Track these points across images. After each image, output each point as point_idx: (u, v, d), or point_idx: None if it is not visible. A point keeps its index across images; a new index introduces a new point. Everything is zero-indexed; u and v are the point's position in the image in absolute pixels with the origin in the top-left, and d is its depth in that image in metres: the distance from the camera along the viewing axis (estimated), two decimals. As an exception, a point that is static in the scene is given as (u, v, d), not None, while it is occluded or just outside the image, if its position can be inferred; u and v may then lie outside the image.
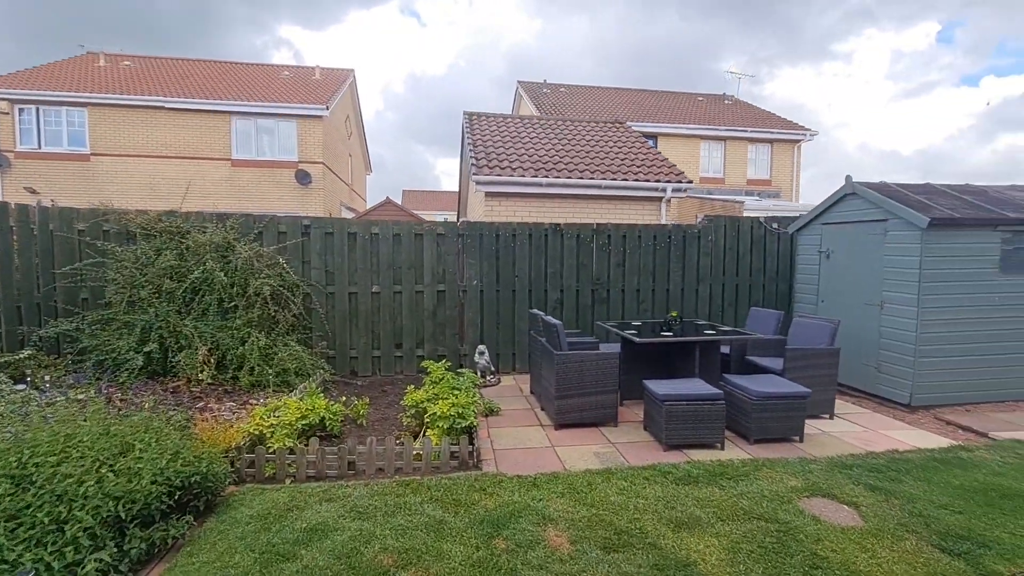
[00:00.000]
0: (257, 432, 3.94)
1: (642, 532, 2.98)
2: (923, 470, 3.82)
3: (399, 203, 20.16)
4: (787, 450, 4.32)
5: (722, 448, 4.32)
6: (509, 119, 12.08)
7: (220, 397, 5.35)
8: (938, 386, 5.40)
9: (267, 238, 6.49)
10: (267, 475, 3.71)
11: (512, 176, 8.91)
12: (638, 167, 9.79)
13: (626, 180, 9.23)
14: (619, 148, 10.70)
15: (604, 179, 9.16)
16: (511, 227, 7.06)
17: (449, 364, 5.42)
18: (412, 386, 4.75)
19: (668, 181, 9.34)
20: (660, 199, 9.48)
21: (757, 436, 4.44)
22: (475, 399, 4.53)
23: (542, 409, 5.40)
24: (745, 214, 10.87)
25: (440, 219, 7.10)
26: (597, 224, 7.28)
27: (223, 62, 19.62)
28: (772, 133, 19.70)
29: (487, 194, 9.07)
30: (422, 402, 4.39)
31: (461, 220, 7.23)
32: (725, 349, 5.65)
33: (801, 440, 4.51)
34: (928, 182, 6.35)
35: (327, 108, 15.71)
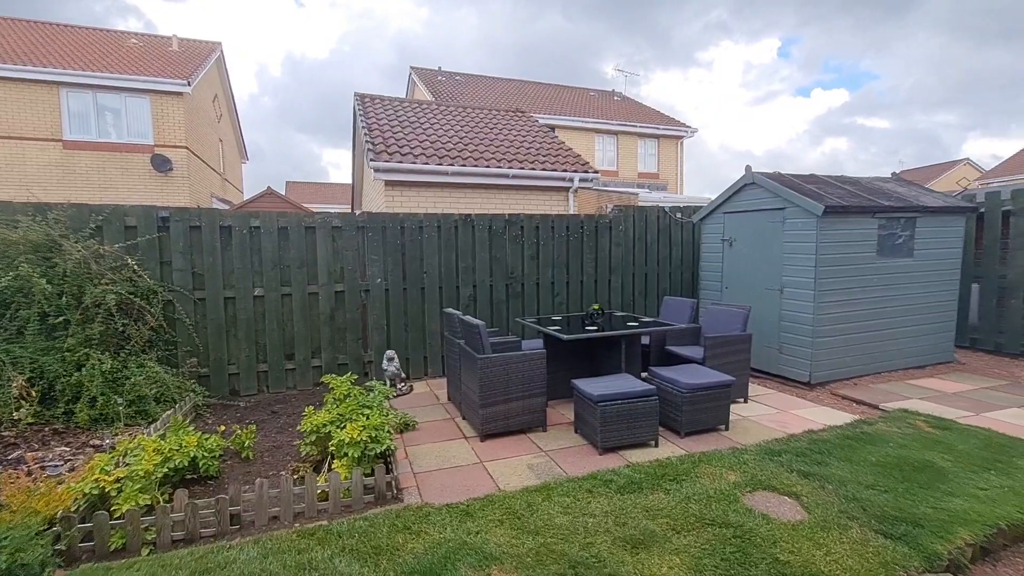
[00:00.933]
0: (96, 490, 2.97)
1: (599, 560, 2.62)
2: (841, 449, 3.94)
3: (283, 194, 18.25)
4: (717, 440, 4.27)
5: (656, 445, 4.16)
6: (407, 103, 11.27)
7: (46, 441, 4.14)
8: (831, 363, 5.80)
9: (109, 234, 5.19)
10: (114, 548, 2.80)
11: (415, 163, 8.21)
12: (544, 156, 9.58)
13: (534, 169, 8.97)
14: (523, 137, 10.43)
15: (512, 168, 8.81)
16: (417, 219, 6.42)
17: (355, 378, 4.71)
18: (311, 407, 3.99)
19: (575, 171, 9.25)
20: (567, 189, 9.37)
21: (688, 429, 4.35)
22: (390, 417, 3.91)
23: (464, 418, 4.90)
24: (639, 205, 11.20)
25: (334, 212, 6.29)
26: (509, 214, 6.89)
27: (49, 23, 16.17)
28: (659, 129, 20.85)
29: (387, 183, 8.28)
30: (325, 426, 3.67)
31: (360, 211, 6.43)
32: (645, 340, 5.58)
33: (727, 428, 4.51)
34: (813, 173, 6.82)
35: (189, 83, 13.57)
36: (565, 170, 9.20)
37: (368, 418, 3.65)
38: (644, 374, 5.10)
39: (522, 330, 6.91)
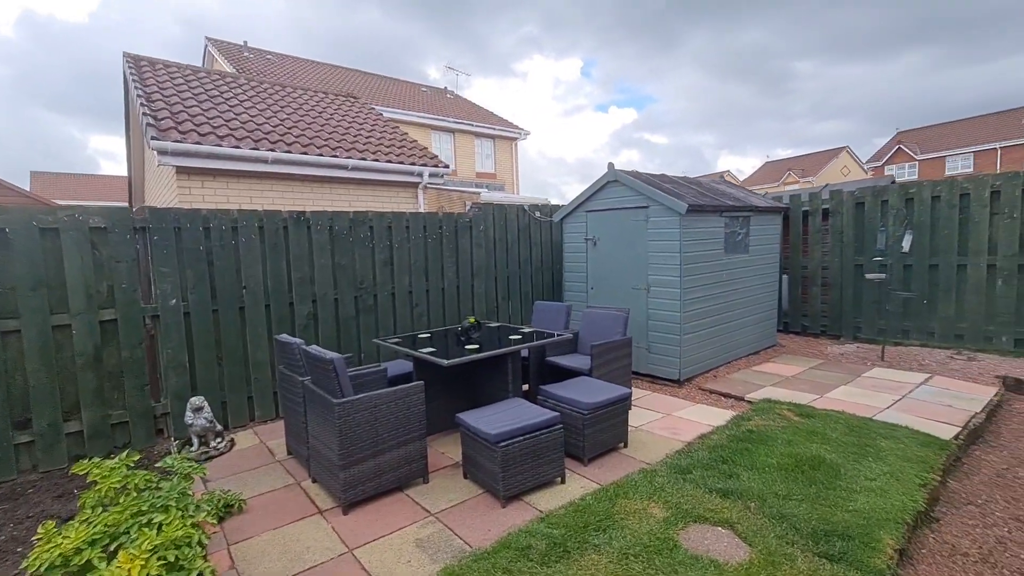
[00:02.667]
0: None
1: None
2: (739, 455, 3.81)
3: (20, 187, 13.57)
4: (621, 462, 3.85)
5: (563, 481, 3.55)
6: (203, 73, 8.99)
7: None
8: (696, 359, 5.94)
9: None
10: None
11: (220, 146, 6.41)
12: (388, 148, 8.45)
13: (377, 160, 7.79)
14: (360, 125, 9.11)
15: (351, 158, 7.51)
16: (230, 217, 4.86)
17: (137, 456, 3.17)
18: (51, 522, 2.43)
19: (424, 165, 8.32)
20: (416, 185, 8.40)
21: (592, 454, 3.84)
22: (201, 514, 2.58)
23: (314, 480, 3.70)
24: (499, 203, 10.76)
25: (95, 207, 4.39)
26: (355, 212, 5.69)
27: None
28: (494, 129, 20.90)
29: (179, 171, 6.33)
30: (79, 553, 2.22)
31: (139, 207, 4.62)
32: (523, 352, 4.99)
33: (626, 445, 4.13)
34: (663, 173, 7.02)
35: None
36: (413, 163, 8.21)
37: (162, 528, 2.31)
38: (538, 396, 4.48)
39: (377, 352, 5.79)
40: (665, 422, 4.67)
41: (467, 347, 4.19)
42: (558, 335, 4.69)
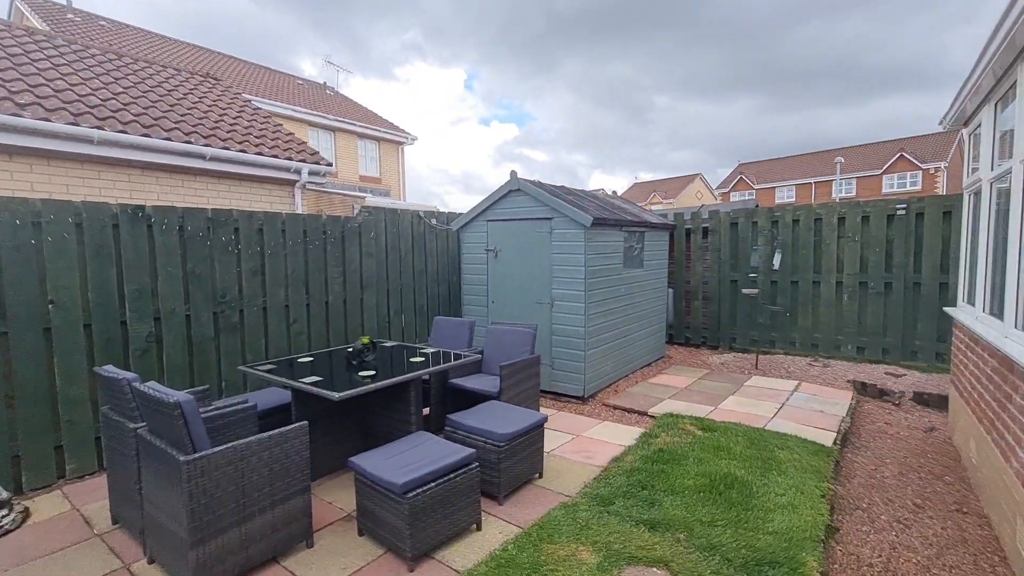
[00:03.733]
0: None
1: None
2: (656, 478, 3.68)
3: None
4: (538, 496, 3.50)
5: (480, 528, 3.09)
6: (2, 26, 7.03)
7: None
8: (599, 374, 5.86)
9: None
10: None
11: (22, 117, 4.94)
12: (259, 138, 7.32)
13: (245, 151, 6.68)
14: (223, 111, 7.81)
15: (211, 146, 6.32)
16: (30, 209, 3.66)
17: None
18: None
19: (303, 161, 7.34)
20: (294, 183, 7.38)
21: (508, 490, 3.44)
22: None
23: (152, 562, 2.79)
24: (391, 208, 9.98)
25: None
26: (213, 210, 4.70)
27: None
28: (380, 131, 19.85)
29: (-43, 145, 4.74)
30: None
31: None
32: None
33: (541, 476, 3.80)
34: (564, 185, 6.95)
35: None
36: (290, 158, 7.20)
37: None
38: (445, 427, 3.97)
39: (245, 381, 4.82)
40: (576, 444, 4.44)
41: (361, 374, 3.56)
42: (465, 355, 4.23)
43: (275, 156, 7.03)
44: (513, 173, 5.98)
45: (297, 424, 2.84)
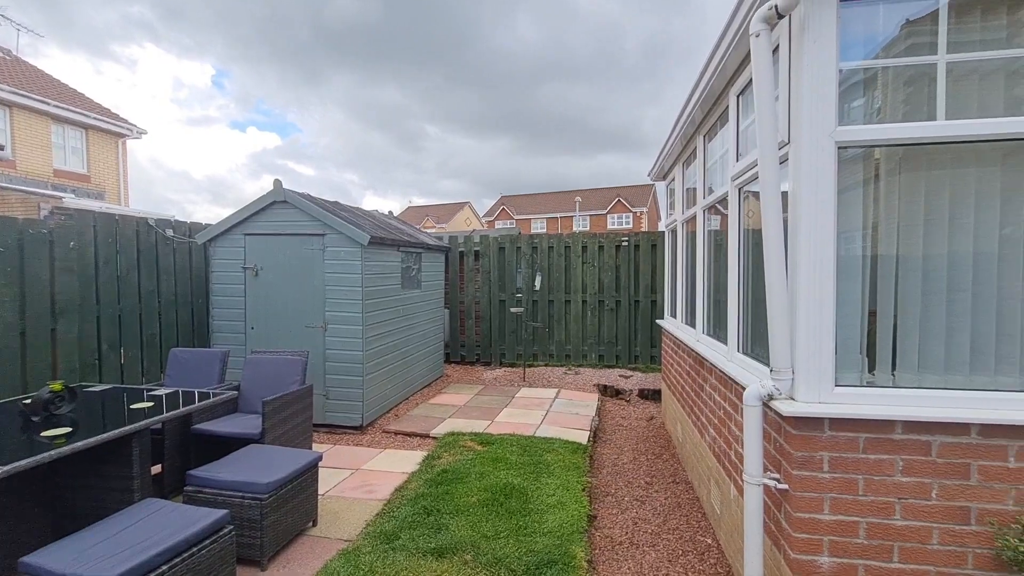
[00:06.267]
0: None
1: None
2: (441, 501, 3.63)
3: None
4: (314, 549, 3.07)
5: (235, 606, 2.52)
6: None
7: None
8: (378, 400, 5.58)
9: None
10: None
11: None
12: None
13: None
14: None
15: None
16: None
17: None
18: None
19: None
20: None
21: (275, 548, 2.92)
22: None
23: None
24: (107, 213, 7.76)
25: None
26: None
27: None
28: (88, 117, 15.65)
29: None
30: None
31: None
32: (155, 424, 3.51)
33: (316, 523, 3.35)
34: (337, 200, 6.51)
35: None
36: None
37: None
38: (186, 487, 3.18)
39: None
40: (357, 479, 4.09)
41: (47, 433, 2.58)
42: (215, 393, 3.49)
43: None
44: (278, 182, 5.34)
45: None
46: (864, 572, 2.09)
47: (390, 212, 8.90)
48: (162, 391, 3.56)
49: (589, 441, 5.02)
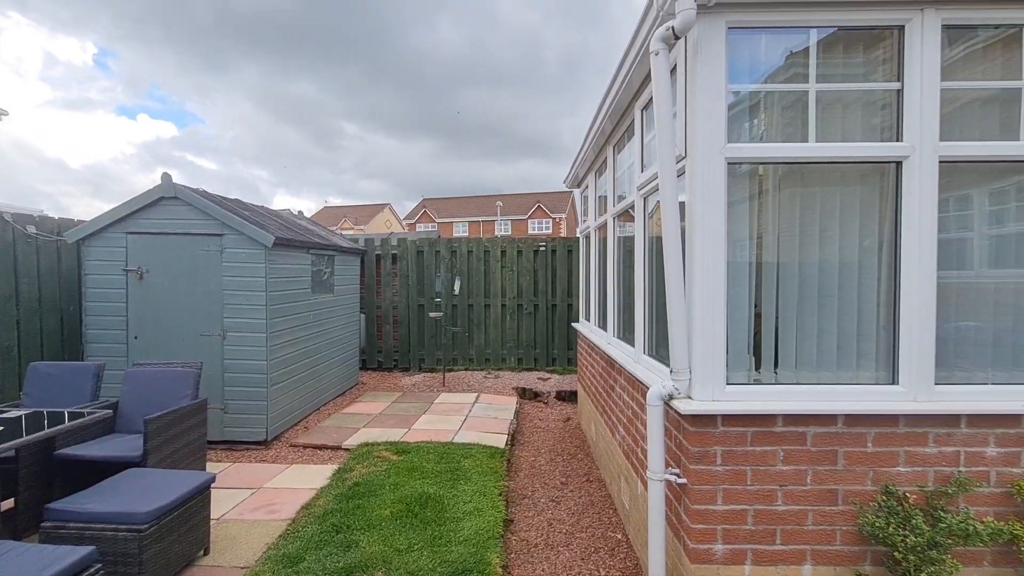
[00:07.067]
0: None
1: None
2: (352, 516, 3.47)
3: None
4: (203, 580, 2.79)
5: (105, 654, 2.22)
6: None
7: None
8: (285, 412, 5.23)
9: None
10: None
11: None
12: None
13: None
14: None
15: None
16: None
17: None
18: None
19: None
20: None
21: (155, 587, 2.61)
22: None
23: None
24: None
25: None
26: None
27: None
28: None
29: None
30: None
31: None
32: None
33: (208, 551, 3.06)
34: (239, 199, 6.03)
35: None
36: None
37: None
38: (44, 523, 2.78)
39: None
40: (258, 499, 3.80)
41: None
42: (87, 412, 3.08)
43: None
44: (167, 176, 4.85)
45: None
46: (752, 555, 2.26)
47: (300, 212, 8.43)
48: (18, 412, 3.09)
49: (507, 445, 5.04)
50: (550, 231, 47.51)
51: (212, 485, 3.16)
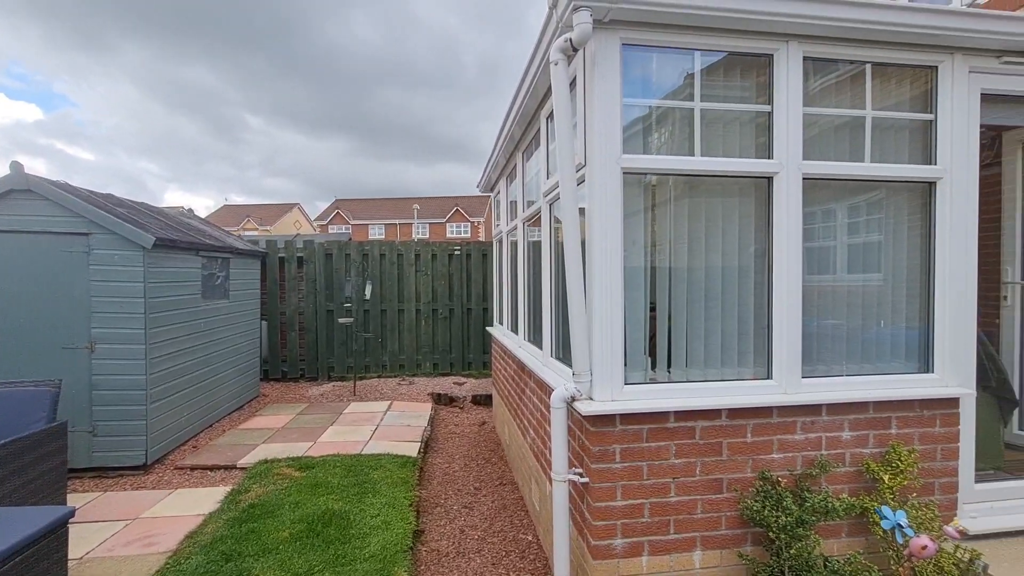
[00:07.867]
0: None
1: None
2: (245, 542, 3.19)
3: None
4: (58, 632, 2.42)
5: None
6: None
7: None
8: (168, 431, 4.73)
9: None
10: None
11: None
12: None
13: None
14: None
15: None
16: None
17: None
18: None
19: None
20: None
21: (-8, 647, 2.22)
22: None
23: None
24: None
25: None
26: None
27: None
28: None
29: None
30: None
31: None
32: None
33: (65, 597, 2.66)
34: (112, 193, 5.37)
35: None
36: None
37: None
38: None
39: None
40: (133, 531, 3.38)
41: None
42: (-103, 448, 2.56)
43: None
44: (16, 165, 4.21)
45: None
46: (648, 547, 2.38)
47: (190, 210, 7.70)
48: None
49: (420, 453, 4.92)
50: (469, 235, 47.49)
51: (72, 520, 2.77)
